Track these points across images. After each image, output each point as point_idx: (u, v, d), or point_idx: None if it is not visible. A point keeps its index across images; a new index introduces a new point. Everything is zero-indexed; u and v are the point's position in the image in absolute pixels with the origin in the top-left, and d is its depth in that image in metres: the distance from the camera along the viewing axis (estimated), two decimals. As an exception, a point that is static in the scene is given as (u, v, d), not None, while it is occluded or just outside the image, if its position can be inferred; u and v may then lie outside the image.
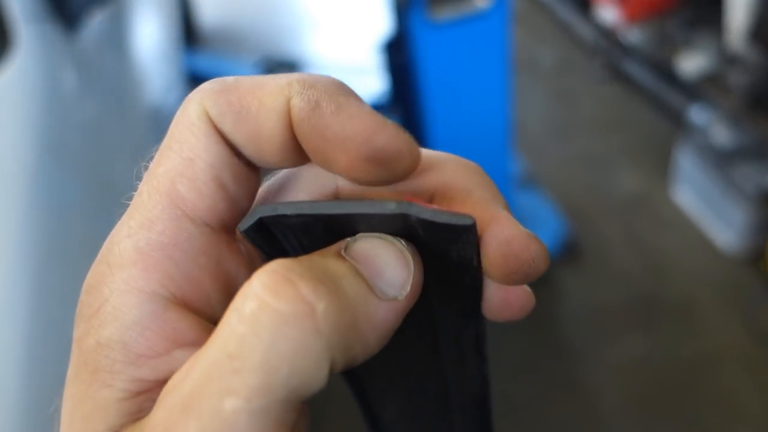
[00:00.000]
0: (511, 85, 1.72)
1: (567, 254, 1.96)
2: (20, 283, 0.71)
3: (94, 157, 0.97)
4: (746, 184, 1.85)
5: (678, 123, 2.34)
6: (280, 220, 0.19)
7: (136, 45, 1.35)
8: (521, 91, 2.82)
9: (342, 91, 0.19)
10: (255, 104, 0.18)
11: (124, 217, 0.19)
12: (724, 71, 2.13)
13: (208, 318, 0.19)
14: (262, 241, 0.20)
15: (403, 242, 0.19)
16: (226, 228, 0.20)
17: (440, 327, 0.23)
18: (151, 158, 0.20)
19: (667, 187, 2.19)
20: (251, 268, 0.20)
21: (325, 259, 0.17)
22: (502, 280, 0.19)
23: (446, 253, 0.19)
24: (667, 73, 2.46)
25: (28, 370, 0.68)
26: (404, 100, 1.80)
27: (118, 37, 1.25)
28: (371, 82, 2.16)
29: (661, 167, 2.25)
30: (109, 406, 0.17)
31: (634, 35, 2.59)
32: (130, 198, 0.19)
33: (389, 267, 0.18)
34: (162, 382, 0.17)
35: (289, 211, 0.18)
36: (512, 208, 0.21)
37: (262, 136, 0.18)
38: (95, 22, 1.09)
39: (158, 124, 1.31)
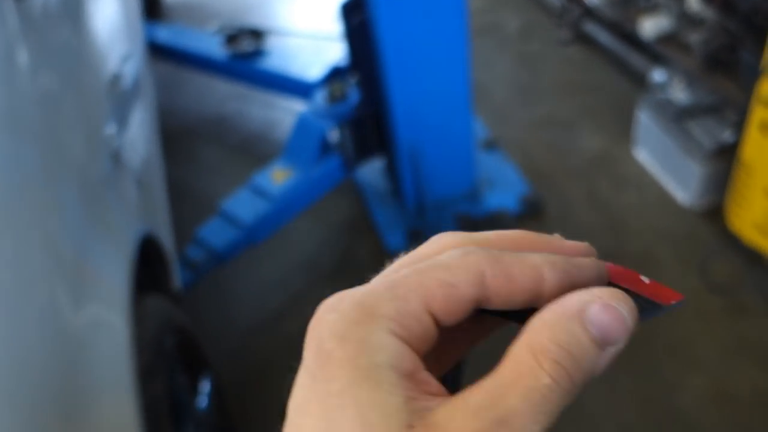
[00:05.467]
0: (470, 47, 1.73)
1: (530, 214, 1.99)
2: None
3: (49, 127, 0.97)
4: (703, 140, 1.89)
5: (640, 83, 2.37)
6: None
7: (92, 13, 1.35)
8: (485, 54, 2.83)
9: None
10: (517, 273, 0.25)
11: (385, 281, 0.25)
12: (683, 31, 2.16)
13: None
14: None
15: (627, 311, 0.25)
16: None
17: None
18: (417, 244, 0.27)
19: (628, 146, 2.23)
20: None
21: (574, 333, 0.24)
22: None
23: None
24: (629, 35, 2.49)
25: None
26: (363, 64, 1.80)
27: (71, 6, 1.24)
28: (336, 49, 2.16)
29: (623, 127, 2.29)
30: (400, 408, 0.23)
31: (596, -3, 2.61)
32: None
33: (617, 334, 0.24)
34: (418, 391, 0.24)
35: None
36: (476, 170, 0.26)
37: (514, 297, 0.26)
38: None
39: (114, 92, 1.30)
